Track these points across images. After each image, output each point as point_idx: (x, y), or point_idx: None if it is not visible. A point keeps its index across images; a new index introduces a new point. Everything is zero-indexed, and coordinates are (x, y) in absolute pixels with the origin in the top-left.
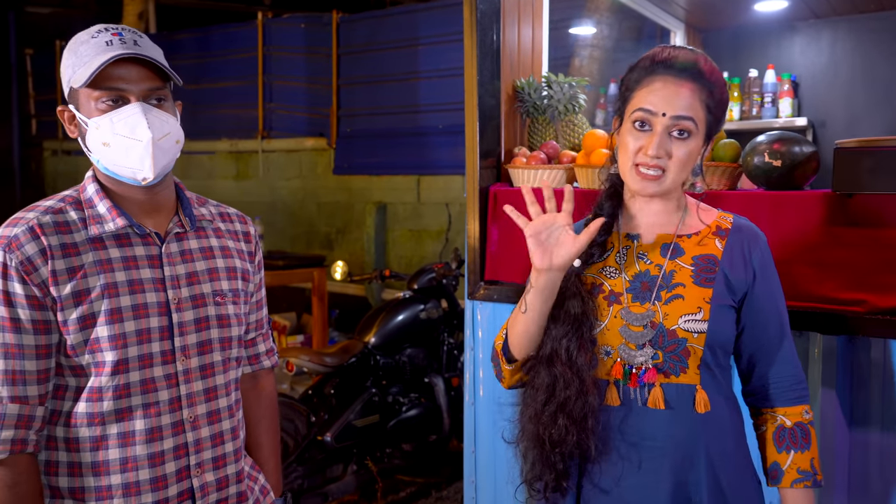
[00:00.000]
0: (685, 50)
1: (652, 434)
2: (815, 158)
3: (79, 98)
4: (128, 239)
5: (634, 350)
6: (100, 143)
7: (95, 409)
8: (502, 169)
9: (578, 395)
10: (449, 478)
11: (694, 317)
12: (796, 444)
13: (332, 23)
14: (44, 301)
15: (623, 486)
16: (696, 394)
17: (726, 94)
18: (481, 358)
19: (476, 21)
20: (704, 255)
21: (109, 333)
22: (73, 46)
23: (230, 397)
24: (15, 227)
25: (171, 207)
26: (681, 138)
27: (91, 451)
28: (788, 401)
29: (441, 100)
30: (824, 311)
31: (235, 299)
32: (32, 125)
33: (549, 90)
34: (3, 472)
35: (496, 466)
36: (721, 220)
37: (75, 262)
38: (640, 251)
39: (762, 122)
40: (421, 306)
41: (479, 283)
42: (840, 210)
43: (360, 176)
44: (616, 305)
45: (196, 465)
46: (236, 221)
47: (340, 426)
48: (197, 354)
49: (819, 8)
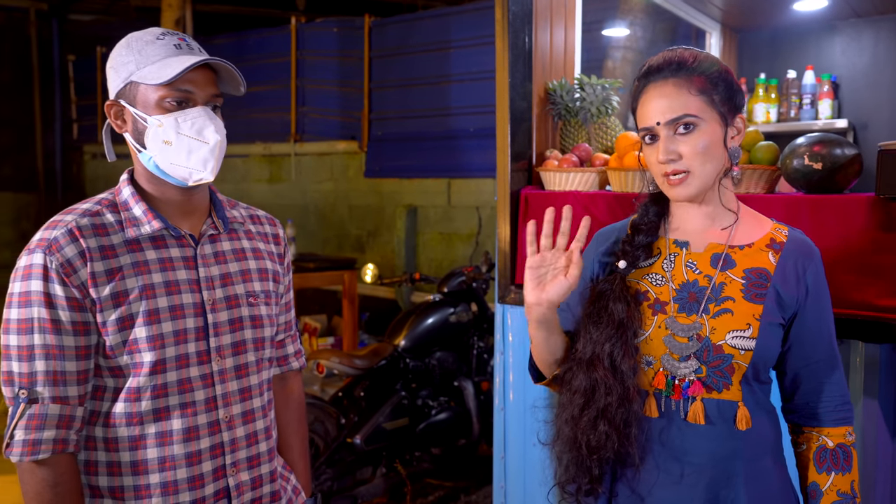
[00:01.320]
0: (663, 53)
1: (690, 448)
2: (857, 161)
3: (137, 94)
4: (163, 241)
5: (678, 361)
6: (160, 140)
7: (134, 409)
8: (533, 172)
9: (621, 403)
10: (478, 482)
11: (742, 333)
12: (838, 465)
13: (364, 27)
14: (83, 302)
15: (658, 496)
16: (738, 410)
17: (720, 68)
18: (511, 362)
19: (508, 23)
20: (756, 269)
21: (147, 334)
22: (134, 45)
23: (263, 397)
24: (54, 230)
25: (204, 209)
26: (686, 132)
27: (130, 450)
28: (833, 422)
29: (472, 103)
30: (866, 319)
31: (267, 300)
32: (74, 129)
33: (581, 92)
34: (46, 471)
35: (526, 471)
36: (776, 232)
37: (113, 263)
38: (689, 259)
39: (801, 124)
40: (451, 310)
41: (510, 287)
42: (883, 214)
43: (390, 179)
44: (661, 315)
45: (232, 464)
46: (266, 224)
47: (370, 429)
48: (231, 355)
49: (861, 7)
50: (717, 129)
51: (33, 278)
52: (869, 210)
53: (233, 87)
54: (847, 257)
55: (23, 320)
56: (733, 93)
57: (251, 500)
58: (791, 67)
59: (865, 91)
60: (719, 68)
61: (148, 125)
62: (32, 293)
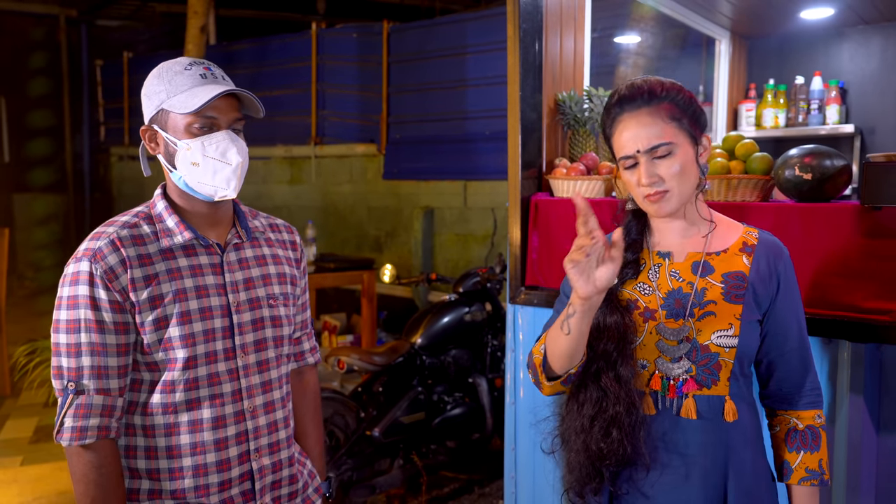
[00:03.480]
0: (634, 82)
1: (684, 441)
2: (846, 172)
3: (168, 121)
4: (193, 249)
5: (671, 363)
6: (189, 162)
7: (168, 400)
8: (543, 179)
9: (629, 409)
10: (491, 475)
11: (725, 333)
12: (807, 444)
13: (383, 32)
14: (124, 305)
15: (657, 489)
16: (726, 404)
17: (687, 97)
18: (522, 360)
19: (519, 38)
20: (733, 273)
21: (181, 333)
22: (164, 75)
23: (282, 390)
24: (98, 241)
25: (229, 220)
26: (664, 158)
27: (165, 436)
28: (804, 405)
29: (488, 106)
30: (853, 320)
31: (286, 302)
32: (101, 132)
33: (589, 103)
34: (91, 455)
35: (535, 464)
36: (747, 235)
37: (150, 270)
38: (672, 269)
39: (808, 130)
40: (466, 309)
41: (521, 289)
42: (869, 222)
43: (408, 181)
44: (651, 321)
45: (255, 449)
46: (283, 231)
47: (388, 422)
48: (254, 351)
49: (868, 14)
50: (689, 150)
51: (80, 283)
52: (855, 218)
53: (253, 110)
54: (835, 262)
55: (71, 321)
56: (698, 115)
57: (272, 482)
58: (799, 73)
59: (873, 97)
60: (684, 95)
61: (178, 148)
62: (80, 297)
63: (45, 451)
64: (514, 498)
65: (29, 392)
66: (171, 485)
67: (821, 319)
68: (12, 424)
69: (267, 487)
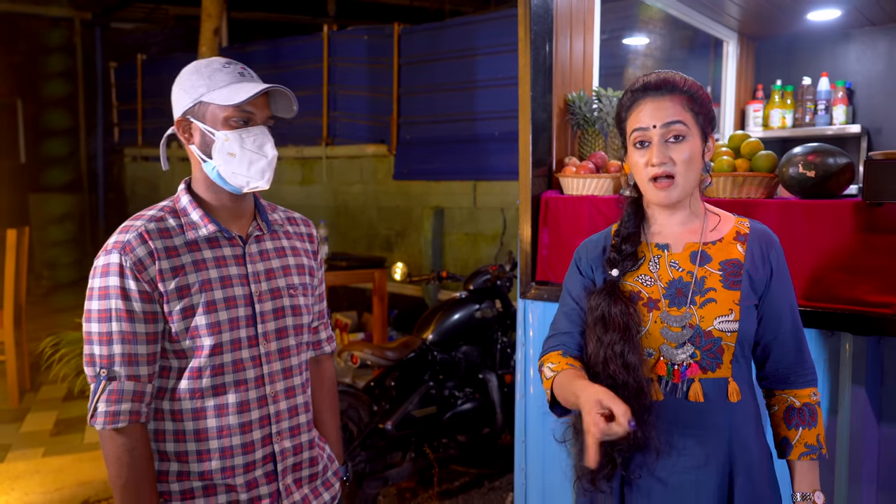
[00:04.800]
0: (659, 72)
1: (692, 423)
2: (848, 169)
3: (206, 113)
4: (217, 242)
5: (675, 349)
6: (226, 152)
7: (195, 386)
8: (553, 177)
9: (637, 395)
10: (501, 469)
11: (726, 318)
12: (804, 421)
13: (394, 34)
14: (152, 295)
15: (669, 472)
16: (729, 385)
17: (706, 95)
18: (532, 355)
19: (530, 40)
20: (730, 261)
21: (207, 322)
22: (203, 71)
23: (302, 376)
24: (127, 234)
25: (250, 213)
26: (677, 142)
27: (192, 420)
28: (800, 384)
29: (497, 107)
30: (855, 313)
31: (305, 292)
32: (115, 133)
33: (598, 103)
34: (123, 438)
35: (545, 456)
36: (739, 225)
37: (177, 262)
38: (671, 260)
39: (815, 130)
40: (476, 306)
41: (531, 284)
42: (870, 218)
43: (418, 181)
44: (655, 311)
45: (277, 433)
46: (301, 224)
47: (400, 416)
48: (275, 339)
49: (874, 15)
50: (698, 143)
51: (111, 275)
52: (857, 214)
53: (283, 110)
54: (838, 257)
55: (102, 310)
56: (711, 115)
57: (293, 464)
58: (806, 74)
59: (879, 97)
60: (703, 94)
61: (216, 139)
62: (110, 287)
63: (65, 443)
64: (524, 489)
65: (49, 386)
66: (199, 466)
67: (824, 313)
68: (33, 417)
69: (288, 469)
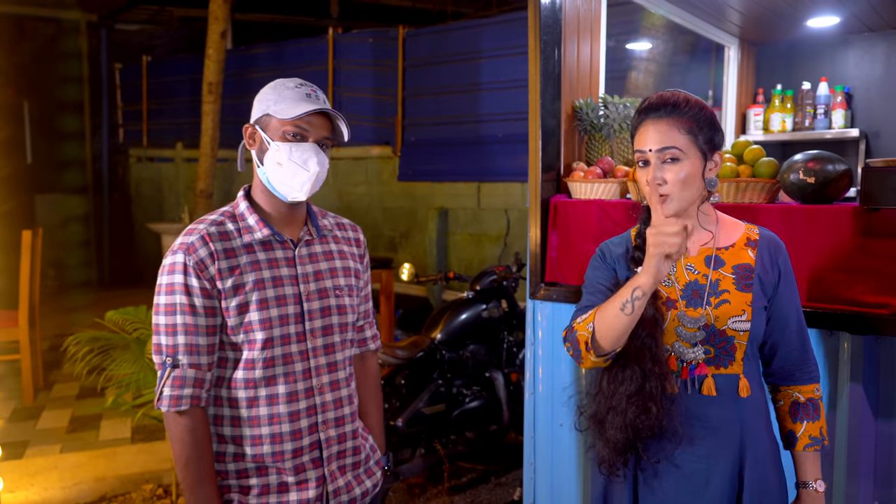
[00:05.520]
0: (663, 94)
1: (705, 415)
2: (847, 176)
3: (269, 124)
4: (270, 245)
5: (688, 348)
6: (275, 162)
7: (249, 376)
8: (562, 182)
9: (657, 386)
10: (508, 466)
11: (740, 318)
12: (808, 415)
13: (399, 37)
14: (212, 292)
15: (684, 459)
16: (740, 381)
17: (707, 113)
18: (541, 354)
19: (540, 49)
20: (742, 265)
21: (259, 318)
22: (278, 88)
23: (346, 371)
24: (191, 236)
25: (302, 219)
26: (672, 164)
27: (247, 408)
28: (804, 380)
29: (501, 110)
30: (853, 314)
31: (350, 292)
32: (120, 134)
33: (605, 110)
34: (186, 420)
35: (553, 449)
36: (749, 231)
37: (234, 262)
38: (686, 263)
39: (814, 134)
40: (483, 306)
41: (540, 285)
42: (867, 223)
43: (423, 182)
44: (673, 310)
45: (322, 422)
46: (349, 230)
47: (410, 413)
48: (321, 336)
49: (872, 22)
50: (697, 163)
51: (176, 273)
52: (855, 219)
53: (339, 135)
54: (836, 259)
55: (168, 305)
56: (714, 133)
57: (337, 452)
58: (806, 79)
59: (878, 102)
60: (706, 114)
61: (269, 148)
62: (175, 284)
63: (81, 440)
64: (533, 483)
65: (61, 385)
66: (252, 450)
67: (823, 313)
68: (48, 415)
69: (333, 456)
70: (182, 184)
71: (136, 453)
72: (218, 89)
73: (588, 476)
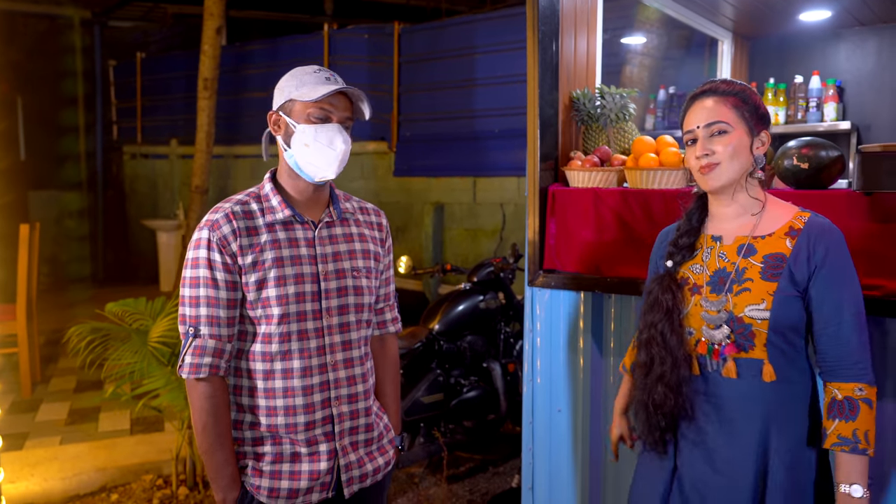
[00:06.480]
0: (708, 81)
1: (728, 397)
2: (840, 161)
3: (293, 109)
4: (292, 225)
5: (714, 330)
6: (302, 143)
7: (267, 350)
8: (559, 171)
9: (673, 369)
10: (505, 456)
11: (757, 307)
12: (843, 413)
13: (394, 33)
14: (233, 267)
15: (708, 439)
16: (764, 366)
17: (751, 92)
18: (539, 345)
19: (538, 40)
20: (774, 254)
21: (276, 294)
22: (297, 74)
23: (361, 350)
24: (216, 214)
25: (325, 202)
26: (720, 136)
27: (263, 380)
28: (844, 378)
29: (497, 105)
30: None
31: (368, 275)
32: (114, 131)
33: (601, 100)
34: (205, 386)
35: (551, 437)
36: (796, 220)
37: (255, 240)
38: (721, 251)
39: (807, 126)
40: (480, 297)
41: (539, 272)
42: (861, 207)
43: (418, 178)
44: (697, 296)
45: (335, 397)
46: (372, 214)
47: (409, 402)
48: (337, 314)
49: (863, 16)
50: (744, 137)
51: (201, 248)
52: (849, 203)
53: (360, 114)
54: None
55: (192, 278)
56: (759, 112)
57: (350, 428)
58: (798, 73)
59: (869, 95)
60: (750, 93)
61: (295, 131)
62: (200, 258)
63: (81, 431)
64: (531, 468)
65: (58, 378)
66: (267, 420)
67: None
68: (47, 408)
69: (345, 432)
70: (177, 180)
71: (136, 444)
72: (213, 85)
73: (586, 460)
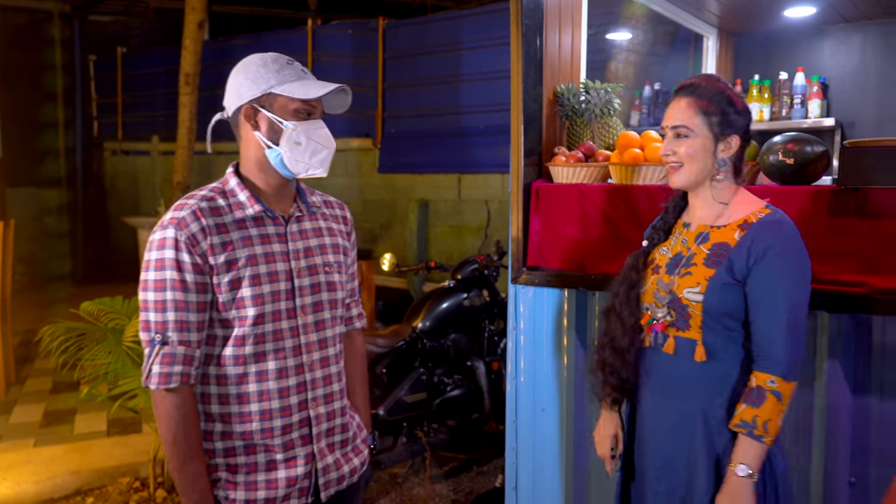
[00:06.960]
0: (689, 78)
1: (666, 371)
2: (825, 157)
3: (275, 103)
4: (262, 220)
5: (659, 308)
6: (293, 141)
7: (239, 353)
8: (543, 166)
9: (623, 335)
10: (489, 455)
11: (693, 290)
12: (750, 400)
13: (379, 28)
14: (203, 268)
15: (650, 404)
16: (697, 346)
17: (726, 97)
18: (523, 344)
19: (522, 34)
20: (721, 244)
21: (252, 294)
22: (271, 66)
23: (336, 347)
24: (182, 211)
25: (292, 196)
26: (681, 139)
27: (235, 385)
28: (762, 367)
29: (482, 101)
30: (831, 292)
31: (339, 269)
32: (94, 126)
33: (586, 95)
34: (174, 397)
35: (535, 436)
36: (753, 215)
37: (226, 238)
38: (684, 237)
39: (791, 123)
40: (464, 295)
41: (522, 269)
42: (845, 202)
43: (403, 175)
44: (655, 275)
45: (312, 399)
46: (336, 207)
47: (392, 401)
48: (312, 312)
49: (848, 12)
50: (707, 142)
51: (167, 248)
52: (834, 199)
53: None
54: (815, 239)
55: (158, 280)
56: (729, 118)
57: (327, 429)
58: (783, 69)
59: (853, 92)
60: (724, 97)
61: (284, 128)
62: (166, 259)
63: (56, 433)
64: (515, 467)
65: (34, 379)
66: (241, 427)
67: None
68: (21, 409)
69: (322, 434)
70: (158, 177)
71: (112, 446)
72: (195, 81)
73: (570, 459)
